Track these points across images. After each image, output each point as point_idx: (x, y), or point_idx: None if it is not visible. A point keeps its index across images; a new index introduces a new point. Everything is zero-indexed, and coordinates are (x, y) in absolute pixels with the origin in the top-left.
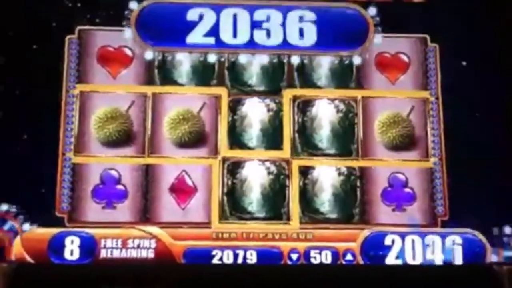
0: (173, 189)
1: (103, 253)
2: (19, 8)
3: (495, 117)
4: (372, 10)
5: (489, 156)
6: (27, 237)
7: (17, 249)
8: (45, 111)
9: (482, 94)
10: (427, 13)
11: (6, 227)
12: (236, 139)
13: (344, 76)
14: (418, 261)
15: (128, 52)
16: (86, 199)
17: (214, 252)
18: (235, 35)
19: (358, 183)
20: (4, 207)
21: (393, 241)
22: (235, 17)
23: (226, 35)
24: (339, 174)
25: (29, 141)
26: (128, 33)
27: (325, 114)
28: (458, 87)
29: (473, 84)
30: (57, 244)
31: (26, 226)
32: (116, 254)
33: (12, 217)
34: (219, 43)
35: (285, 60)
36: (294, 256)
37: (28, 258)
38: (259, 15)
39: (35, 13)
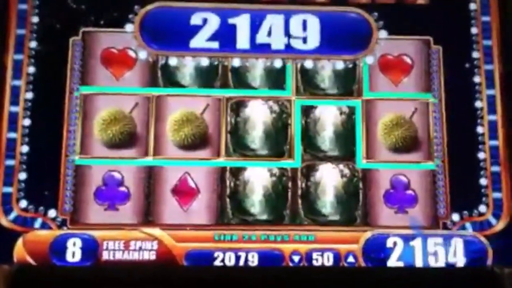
0: (176, 191)
1: (105, 255)
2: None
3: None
4: (375, 14)
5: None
6: (29, 238)
7: (19, 251)
8: (48, 113)
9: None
10: (430, 15)
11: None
12: (239, 142)
13: (347, 78)
14: (419, 263)
15: (132, 54)
16: (89, 200)
17: (216, 254)
18: (238, 39)
19: (360, 185)
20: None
21: (395, 243)
22: (238, 22)
23: (229, 40)
24: (342, 176)
25: (32, 142)
26: (131, 36)
27: (328, 116)
28: (461, 89)
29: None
30: (59, 246)
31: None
32: (118, 256)
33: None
34: (223, 47)
35: (288, 64)
36: (296, 258)
37: (29, 260)
38: (262, 19)
39: (39, 14)
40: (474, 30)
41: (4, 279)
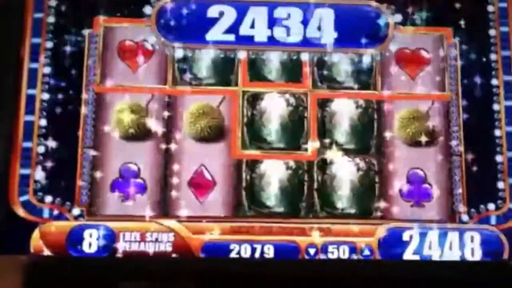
0: (192, 183)
1: (122, 247)
2: None
3: None
4: (392, 7)
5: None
6: (46, 229)
7: (35, 242)
8: (65, 105)
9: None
10: (447, 8)
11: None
12: (255, 134)
13: (364, 72)
14: (435, 257)
15: (148, 47)
16: (105, 192)
17: (232, 246)
18: (255, 32)
19: (376, 179)
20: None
21: (411, 237)
22: (255, 14)
23: (246, 32)
24: (358, 169)
25: (49, 135)
26: (148, 29)
27: (345, 109)
28: (479, 82)
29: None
30: (75, 237)
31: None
32: (135, 247)
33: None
34: (239, 40)
35: (304, 58)
36: (312, 251)
37: (46, 251)
38: (279, 12)
39: (56, 6)
40: (491, 23)
41: (21, 270)
